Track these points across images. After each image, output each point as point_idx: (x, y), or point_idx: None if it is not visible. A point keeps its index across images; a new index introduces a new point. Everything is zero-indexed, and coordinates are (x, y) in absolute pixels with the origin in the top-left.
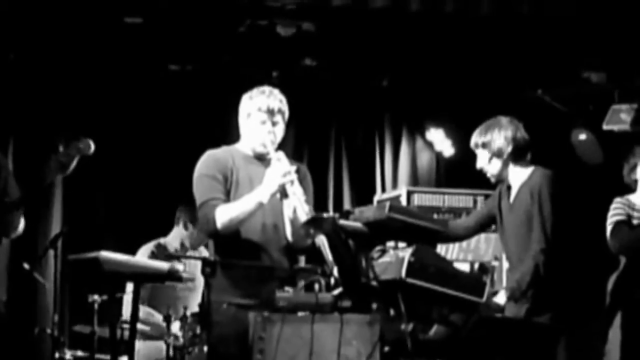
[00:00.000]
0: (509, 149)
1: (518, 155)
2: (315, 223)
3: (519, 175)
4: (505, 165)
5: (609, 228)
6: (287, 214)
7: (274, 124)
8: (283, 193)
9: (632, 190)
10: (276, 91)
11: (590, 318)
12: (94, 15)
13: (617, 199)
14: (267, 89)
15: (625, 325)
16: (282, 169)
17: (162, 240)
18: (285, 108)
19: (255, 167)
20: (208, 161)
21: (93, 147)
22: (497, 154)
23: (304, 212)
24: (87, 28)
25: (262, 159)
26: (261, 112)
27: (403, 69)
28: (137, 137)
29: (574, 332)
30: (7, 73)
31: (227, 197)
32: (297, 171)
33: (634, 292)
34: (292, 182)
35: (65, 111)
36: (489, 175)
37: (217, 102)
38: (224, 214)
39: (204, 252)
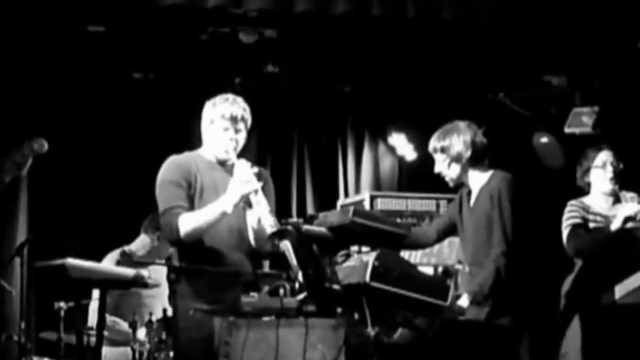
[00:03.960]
0: (468, 153)
1: (477, 159)
2: (280, 235)
3: (478, 179)
4: (464, 170)
5: (565, 232)
6: (251, 224)
7: (236, 131)
8: (247, 202)
9: (585, 193)
10: (240, 99)
11: (546, 320)
12: (57, 24)
13: (572, 202)
14: (230, 96)
15: (585, 328)
16: (245, 177)
17: (126, 248)
18: (248, 116)
19: (219, 172)
20: (171, 167)
21: (46, 146)
22: (456, 158)
23: (269, 224)
24: (50, 36)
25: (225, 164)
26: (224, 120)
27: (365, 74)
28: (102, 144)
29: (536, 334)
30: None
31: (191, 204)
32: (259, 175)
33: (591, 295)
34: (255, 191)
35: (30, 120)
36: (447, 179)
37: (181, 110)
38: (187, 223)
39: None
